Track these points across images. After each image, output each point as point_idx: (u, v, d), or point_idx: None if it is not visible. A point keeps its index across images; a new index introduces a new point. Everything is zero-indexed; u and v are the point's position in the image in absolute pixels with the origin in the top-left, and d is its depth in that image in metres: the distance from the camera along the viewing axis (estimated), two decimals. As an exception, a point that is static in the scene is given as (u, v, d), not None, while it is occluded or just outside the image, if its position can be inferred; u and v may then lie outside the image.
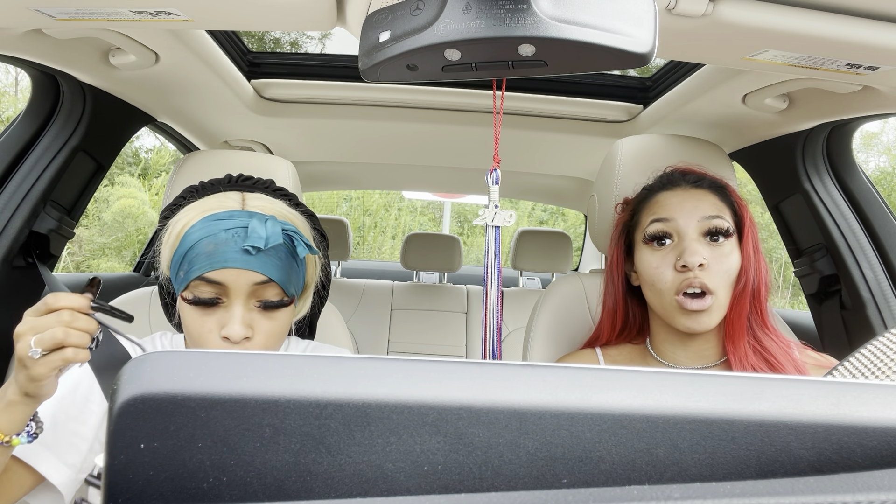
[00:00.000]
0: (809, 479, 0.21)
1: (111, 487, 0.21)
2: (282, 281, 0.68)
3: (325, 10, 0.72)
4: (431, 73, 0.52)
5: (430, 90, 1.33)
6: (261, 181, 0.78)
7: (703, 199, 0.80)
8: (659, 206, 0.82)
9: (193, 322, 0.68)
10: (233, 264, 0.66)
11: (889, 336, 0.33)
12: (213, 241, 0.66)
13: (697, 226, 0.78)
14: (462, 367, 0.23)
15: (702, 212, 0.78)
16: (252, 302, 0.69)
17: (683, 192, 0.81)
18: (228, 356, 0.23)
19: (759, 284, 0.79)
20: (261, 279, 0.67)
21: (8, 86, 7.11)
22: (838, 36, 0.70)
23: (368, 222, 9.02)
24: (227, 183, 0.76)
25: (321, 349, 0.86)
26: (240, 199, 0.72)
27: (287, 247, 0.70)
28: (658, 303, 0.80)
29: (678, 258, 0.77)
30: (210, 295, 0.67)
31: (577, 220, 8.00)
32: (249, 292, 0.68)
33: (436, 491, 0.22)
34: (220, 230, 0.67)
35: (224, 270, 0.66)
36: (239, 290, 0.67)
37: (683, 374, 0.24)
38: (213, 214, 0.69)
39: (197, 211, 0.70)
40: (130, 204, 6.65)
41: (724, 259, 0.77)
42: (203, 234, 0.67)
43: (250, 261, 0.66)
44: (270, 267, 0.67)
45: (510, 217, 0.58)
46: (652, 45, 0.46)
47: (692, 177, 0.84)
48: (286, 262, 0.69)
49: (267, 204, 0.72)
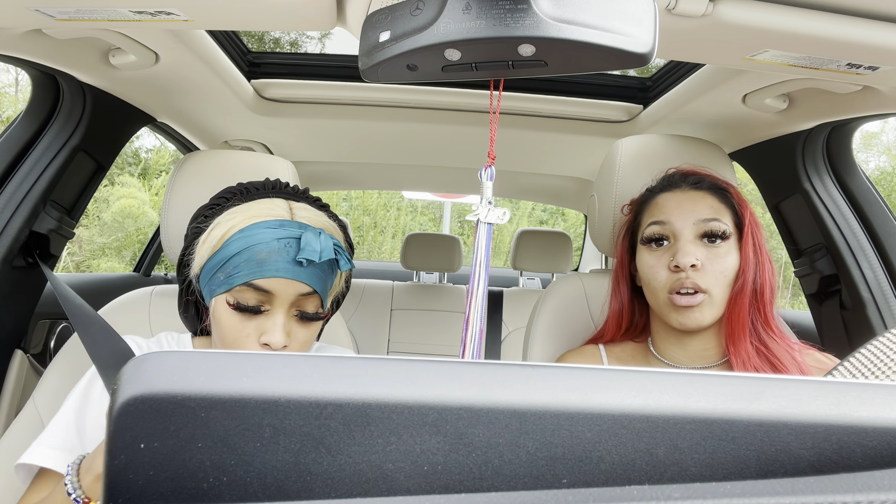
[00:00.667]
0: (809, 479, 0.21)
1: (111, 487, 0.21)
2: (323, 293, 0.71)
3: (325, 10, 0.72)
4: (431, 73, 0.52)
5: (429, 90, 1.33)
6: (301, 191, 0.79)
7: (701, 202, 0.81)
8: (657, 209, 0.83)
9: (232, 326, 0.69)
10: (284, 274, 0.67)
11: (889, 336, 0.33)
12: (265, 250, 0.67)
13: (693, 228, 0.79)
14: (462, 367, 0.23)
15: (698, 214, 0.80)
16: (292, 311, 0.70)
17: (682, 195, 0.82)
18: (228, 356, 0.23)
19: (763, 285, 0.80)
20: (306, 290, 0.69)
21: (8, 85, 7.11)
22: (838, 36, 0.70)
23: (368, 222, 9.02)
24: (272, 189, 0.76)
25: (324, 349, 0.86)
26: (287, 207, 0.73)
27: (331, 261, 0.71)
28: (654, 301, 0.82)
29: (672, 259, 0.79)
30: (254, 302, 0.68)
31: (577, 220, 8.00)
32: (292, 302, 0.69)
33: (436, 491, 0.22)
34: (272, 238, 0.68)
35: (274, 279, 0.67)
36: (284, 299, 0.68)
37: (683, 374, 0.24)
38: (266, 222, 0.69)
39: (244, 216, 0.70)
40: (130, 204, 6.65)
41: (719, 260, 0.78)
42: (253, 241, 0.68)
43: (300, 272, 0.68)
44: (316, 279, 0.69)
45: (504, 215, 0.58)
46: (652, 45, 0.46)
47: (693, 178, 0.84)
48: (328, 275, 0.71)
49: (313, 216, 0.73)
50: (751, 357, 0.77)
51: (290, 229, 0.69)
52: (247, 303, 0.68)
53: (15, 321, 1.11)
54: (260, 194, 0.75)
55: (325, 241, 0.69)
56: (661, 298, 0.80)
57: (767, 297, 0.80)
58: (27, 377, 1.17)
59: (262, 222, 0.69)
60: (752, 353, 0.78)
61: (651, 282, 0.81)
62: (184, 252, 0.77)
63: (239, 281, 0.67)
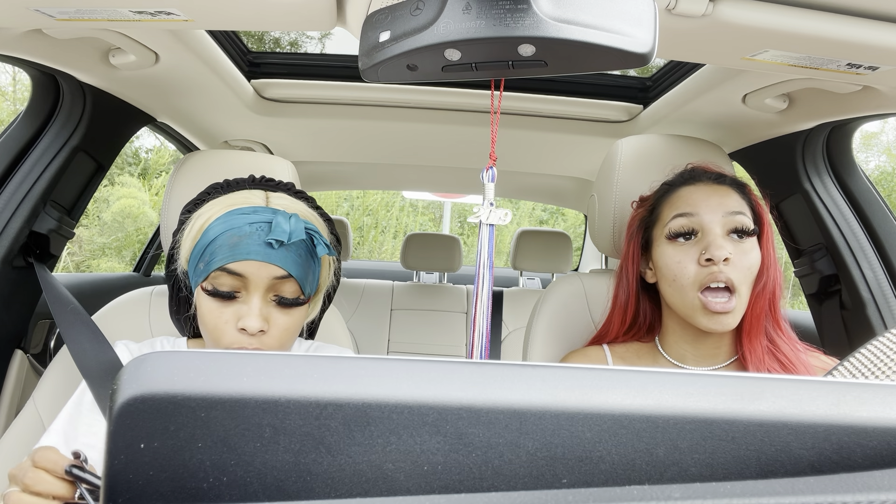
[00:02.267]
0: (809, 479, 0.21)
1: (111, 487, 0.21)
2: (300, 277, 0.70)
3: (325, 10, 0.72)
4: (431, 73, 0.52)
5: (429, 90, 1.33)
6: (282, 183, 0.79)
7: (727, 196, 0.79)
8: (682, 201, 0.81)
9: (211, 313, 0.70)
10: (255, 257, 0.67)
11: (889, 336, 0.33)
12: (238, 234, 0.68)
13: (722, 221, 0.77)
14: (462, 367, 0.23)
15: (726, 207, 0.78)
16: (269, 296, 0.70)
17: (707, 188, 0.81)
18: (228, 356, 0.23)
19: (776, 286, 0.79)
20: (280, 273, 0.69)
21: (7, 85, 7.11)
22: (838, 36, 0.70)
23: (369, 222, 9.02)
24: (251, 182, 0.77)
25: (323, 349, 0.86)
26: (264, 196, 0.74)
27: (307, 245, 0.71)
28: (679, 300, 0.79)
29: (703, 252, 0.76)
30: (229, 287, 0.69)
31: (577, 220, 8.00)
32: (268, 286, 0.69)
33: (436, 491, 0.22)
34: (244, 223, 0.69)
35: (245, 262, 0.68)
36: (258, 282, 0.68)
37: (683, 374, 0.24)
38: (239, 209, 0.70)
39: (221, 206, 0.72)
40: (130, 204, 6.65)
41: (746, 256, 0.76)
42: (227, 227, 0.69)
43: (272, 254, 0.68)
44: (290, 263, 0.69)
45: (505, 216, 0.58)
46: (652, 45, 0.46)
47: (713, 174, 0.83)
48: (305, 260, 0.71)
49: (290, 203, 0.74)
50: (763, 357, 0.77)
51: (263, 214, 0.70)
52: (222, 288, 0.68)
53: (15, 321, 1.11)
54: (239, 186, 0.76)
55: (296, 223, 0.69)
56: (690, 297, 0.77)
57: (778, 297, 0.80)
58: (27, 377, 1.17)
59: (237, 209, 0.70)
60: (764, 353, 0.78)
61: (678, 278, 0.78)
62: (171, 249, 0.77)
63: (214, 266, 0.68)
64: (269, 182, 0.78)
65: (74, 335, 0.80)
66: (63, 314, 0.85)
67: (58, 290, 0.93)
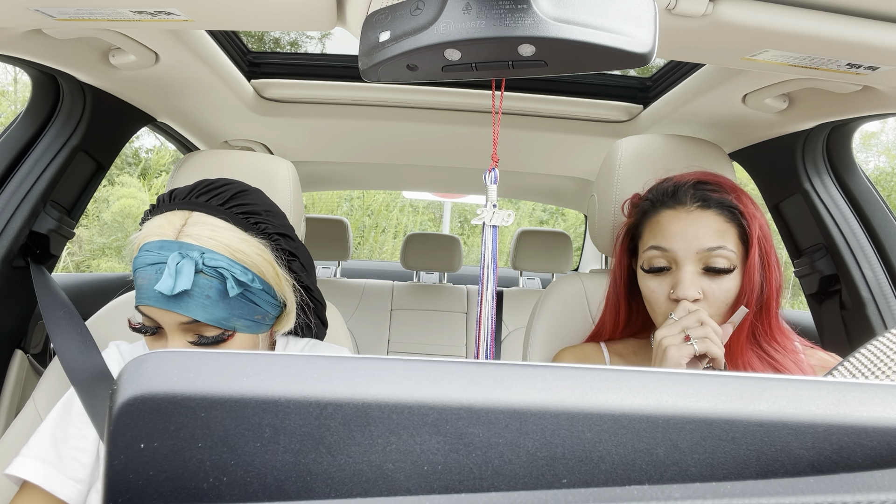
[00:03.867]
0: (809, 479, 0.21)
1: (111, 487, 0.21)
2: (213, 320, 0.65)
3: (325, 10, 0.72)
4: (431, 73, 0.52)
5: (430, 90, 1.33)
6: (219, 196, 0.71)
7: (707, 226, 0.76)
8: (659, 230, 0.79)
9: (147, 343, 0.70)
10: (154, 304, 0.63)
11: (889, 336, 0.33)
12: (142, 276, 0.65)
13: (696, 258, 0.75)
14: (462, 367, 0.23)
15: (701, 242, 0.75)
16: (188, 336, 0.66)
17: (686, 217, 0.77)
18: (229, 356, 0.23)
19: (769, 299, 0.77)
20: (186, 319, 0.64)
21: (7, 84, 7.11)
22: (838, 36, 0.70)
23: (369, 222, 9.02)
24: (184, 197, 0.71)
25: (319, 348, 0.85)
26: (180, 224, 0.67)
27: (220, 283, 0.65)
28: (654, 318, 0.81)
29: (672, 289, 0.76)
30: (150, 324, 0.66)
31: (577, 220, 8.00)
32: (182, 329, 0.65)
33: (436, 491, 0.22)
34: (146, 264, 0.64)
35: (150, 308, 0.64)
36: (169, 326, 0.65)
37: (683, 374, 0.24)
38: (147, 244, 0.66)
39: (144, 233, 0.68)
40: (130, 204, 6.65)
41: (721, 291, 0.75)
42: (137, 265, 0.66)
43: (171, 302, 0.63)
44: (195, 307, 0.63)
45: (508, 217, 0.58)
46: (652, 45, 0.46)
47: (700, 194, 0.79)
48: (219, 301, 0.65)
49: (206, 232, 0.66)
50: (752, 364, 0.77)
51: (166, 252, 0.64)
52: (147, 323, 0.66)
53: (15, 321, 1.11)
54: (168, 206, 0.71)
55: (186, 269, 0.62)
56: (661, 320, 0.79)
57: (773, 309, 0.78)
58: (27, 377, 1.17)
59: (144, 244, 0.66)
60: (755, 360, 0.77)
61: (653, 304, 0.80)
62: None
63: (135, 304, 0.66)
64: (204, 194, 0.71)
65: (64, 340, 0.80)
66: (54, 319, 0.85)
67: (53, 292, 0.93)
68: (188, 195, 0.71)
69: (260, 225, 0.72)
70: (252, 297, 0.69)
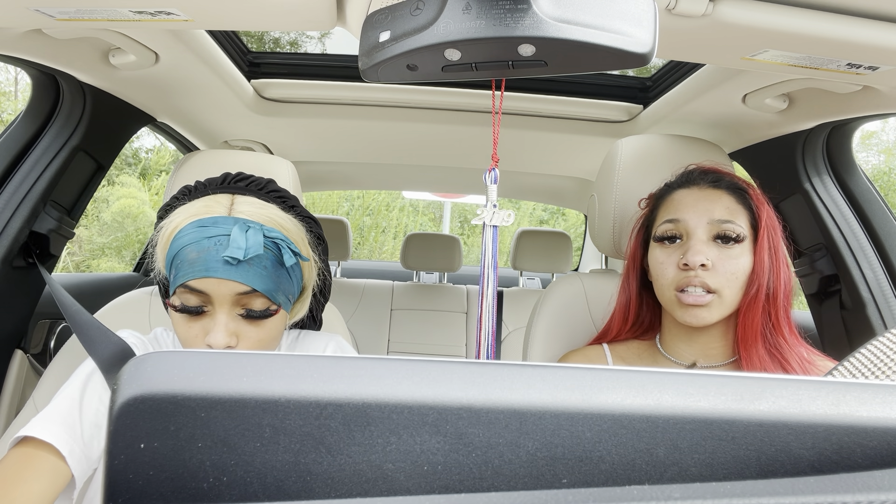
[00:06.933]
0: (809, 479, 0.21)
1: (111, 487, 0.21)
2: (267, 290, 0.67)
3: (325, 10, 0.72)
4: (431, 73, 0.52)
5: (430, 90, 1.33)
6: (256, 182, 0.76)
7: (717, 201, 0.79)
8: (673, 206, 0.83)
9: (180, 326, 0.69)
10: (214, 273, 0.64)
11: (889, 336, 0.33)
12: (197, 249, 0.65)
13: (707, 227, 0.78)
14: (462, 367, 0.23)
15: (713, 214, 0.78)
16: (237, 310, 0.68)
17: (699, 192, 0.81)
18: (229, 356, 0.23)
19: (777, 290, 0.78)
20: (244, 289, 0.66)
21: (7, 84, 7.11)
22: (838, 36, 0.70)
23: (369, 222, 9.02)
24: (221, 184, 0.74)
25: (309, 337, 0.84)
26: (228, 203, 0.70)
27: (274, 255, 0.68)
28: (662, 298, 0.82)
29: (682, 257, 0.78)
30: (195, 303, 0.67)
31: (577, 220, 8.00)
32: (233, 301, 0.67)
33: (436, 491, 0.22)
34: (202, 237, 0.66)
35: (206, 280, 0.65)
36: (222, 299, 0.66)
37: (683, 374, 0.24)
38: (199, 220, 0.67)
39: (185, 215, 0.69)
40: (130, 204, 6.65)
41: (731, 261, 0.77)
42: (188, 241, 0.66)
43: (232, 271, 0.65)
44: (254, 277, 0.66)
45: (508, 217, 0.58)
46: (652, 45, 0.46)
47: (712, 176, 0.83)
48: (272, 271, 0.68)
49: (256, 209, 0.70)
50: (763, 361, 0.77)
51: (223, 226, 0.66)
52: (188, 303, 0.67)
53: (15, 321, 1.11)
54: (204, 192, 0.73)
55: (254, 236, 0.66)
56: (668, 295, 0.80)
57: (781, 302, 0.79)
58: (27, 377, 1.17)
59: (196, 221, 0.67)
60: (765, 356, 0.77)
61: (659, 278, 0.81)
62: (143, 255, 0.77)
63: (178, 283, 0.66)
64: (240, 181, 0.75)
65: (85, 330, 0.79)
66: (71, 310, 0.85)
67: (60, 290, 0.93)
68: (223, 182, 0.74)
69: (296, 208, 0.77)
70: (292, 273, 0.72)
